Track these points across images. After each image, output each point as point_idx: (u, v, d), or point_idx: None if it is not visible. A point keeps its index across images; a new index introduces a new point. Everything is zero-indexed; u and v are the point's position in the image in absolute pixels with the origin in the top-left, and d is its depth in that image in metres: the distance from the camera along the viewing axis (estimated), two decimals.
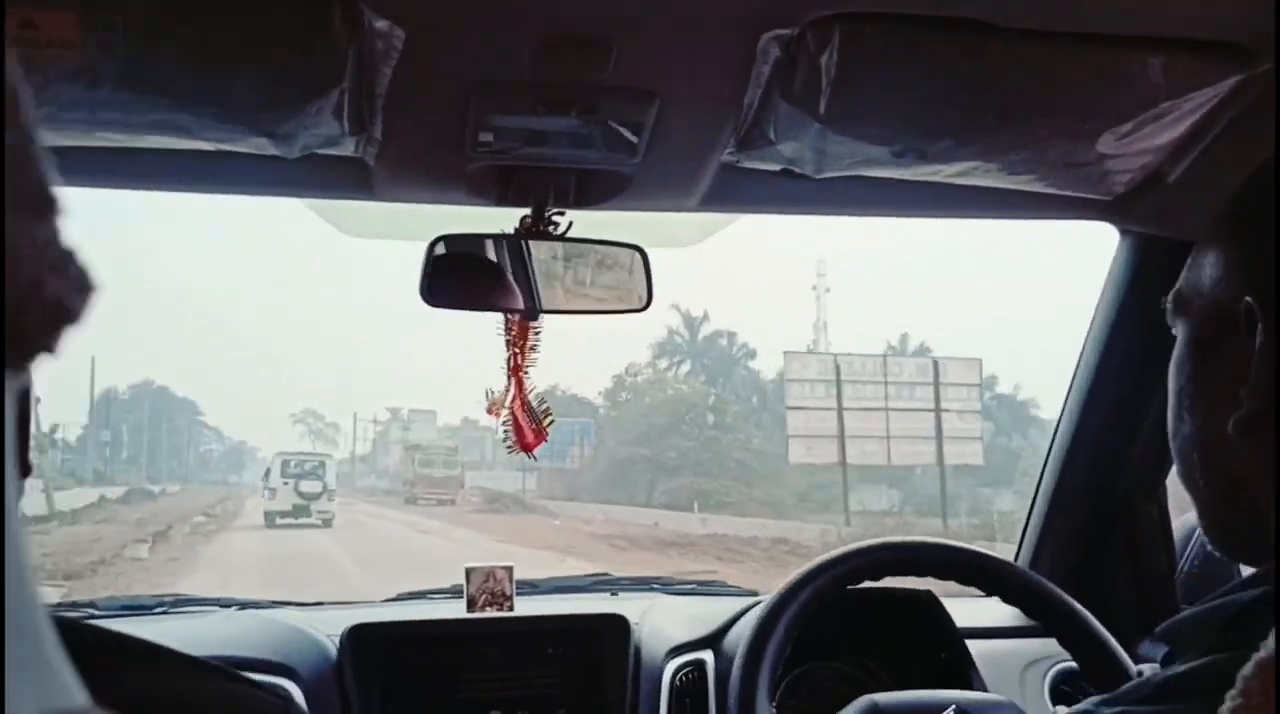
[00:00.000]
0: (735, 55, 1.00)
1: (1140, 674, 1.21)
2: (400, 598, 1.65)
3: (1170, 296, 0.69)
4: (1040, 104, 1.05)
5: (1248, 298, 0.60)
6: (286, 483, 21.67)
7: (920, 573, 1.35)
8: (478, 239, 1.30)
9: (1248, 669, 0.36)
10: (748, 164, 1.19)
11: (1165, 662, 0.60)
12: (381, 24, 0.91)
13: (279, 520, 20.96)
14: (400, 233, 1.46)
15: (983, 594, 1.48)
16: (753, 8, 0.94)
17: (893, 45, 0.97)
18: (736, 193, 1.27)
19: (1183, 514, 1.64)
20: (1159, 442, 1.52)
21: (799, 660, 1.43)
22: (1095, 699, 0.57)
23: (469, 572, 1.45)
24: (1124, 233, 1.42)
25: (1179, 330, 0.68)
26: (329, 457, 25.30)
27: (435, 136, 1.11)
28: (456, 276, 1.28)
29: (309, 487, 21.63)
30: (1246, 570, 0.67)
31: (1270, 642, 0.36)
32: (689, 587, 1.87)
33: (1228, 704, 0.36)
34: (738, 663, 1.23)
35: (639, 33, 0.97)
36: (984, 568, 1.36)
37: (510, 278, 1.31)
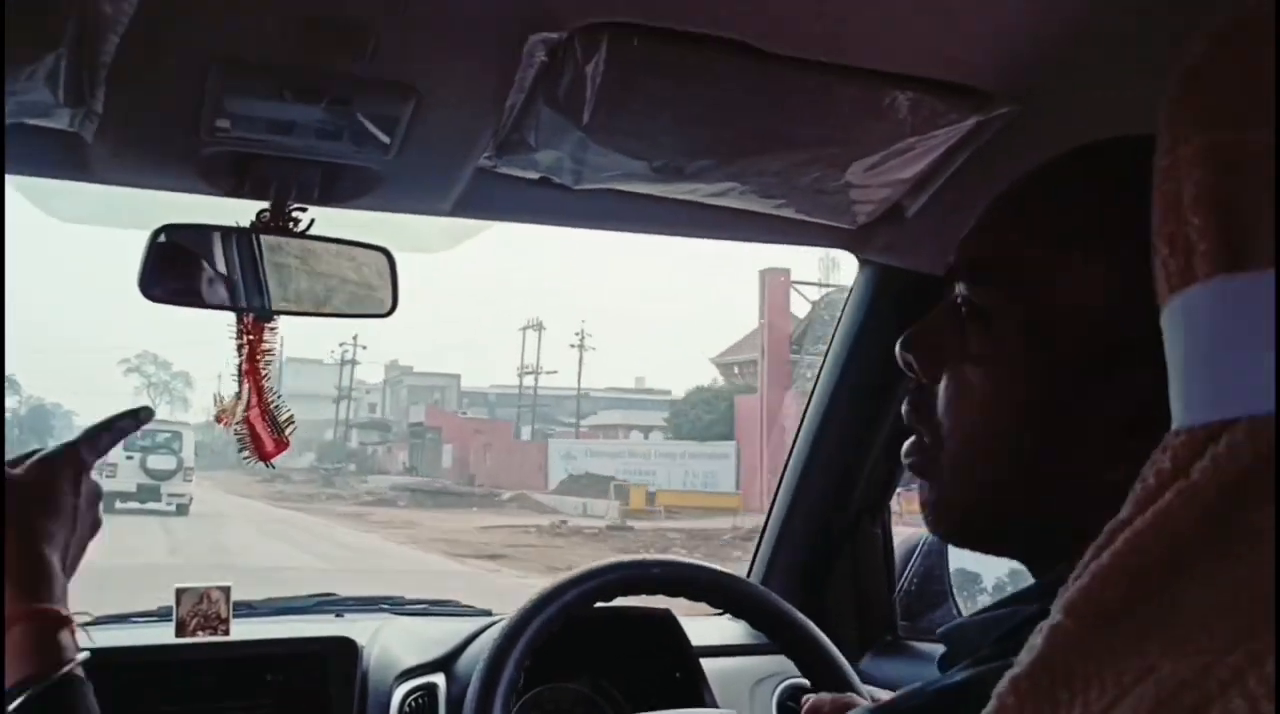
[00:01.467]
0: (500, 55, 0.96)
1: (869, 695, 1.26)
2: (99, 621, 1.50)
3: None
4: (798, 131, 1.07)
5: None
6: (130, 457, 17.98)
7: (656, 591, 1.35)
8: (207, 231, 1.19)
9: (1002, 685, 0.36)
10: (505, 170, 1.15)
11: (942, 664, 0.61)
12: None
13: (119, 504, 17.38)
14: (119, 220, 1.33)
15: (718, 611, 1.51)
16: (521, 8, 0.91)
17: (660, 59, 0.96)
18: (491, 199, 1.23)
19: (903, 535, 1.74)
20: (888, 464, 1.60)
21: (535, 682, 1.40)
22: (867, 707, 0.57)
23: (179, 593, 1.33)
24: (863, 261, 1.48)
25: None
26: (186, 426, 21.32)
27: (165, 116, 1.01)
28: (181, 270, 1.16)
29: (159, 463, 18.29)
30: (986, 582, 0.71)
31: (1023, 657, 0.36)
32: (420, 606, 1.81)
33: None
34: (473, 686, 1.19)
35: (401, 22, 0.91)
36: (717, 585, 1.37)
37: (242, 275, 1.21)
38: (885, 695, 0.91)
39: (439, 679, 1.38)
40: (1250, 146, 0.39)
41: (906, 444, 0.68)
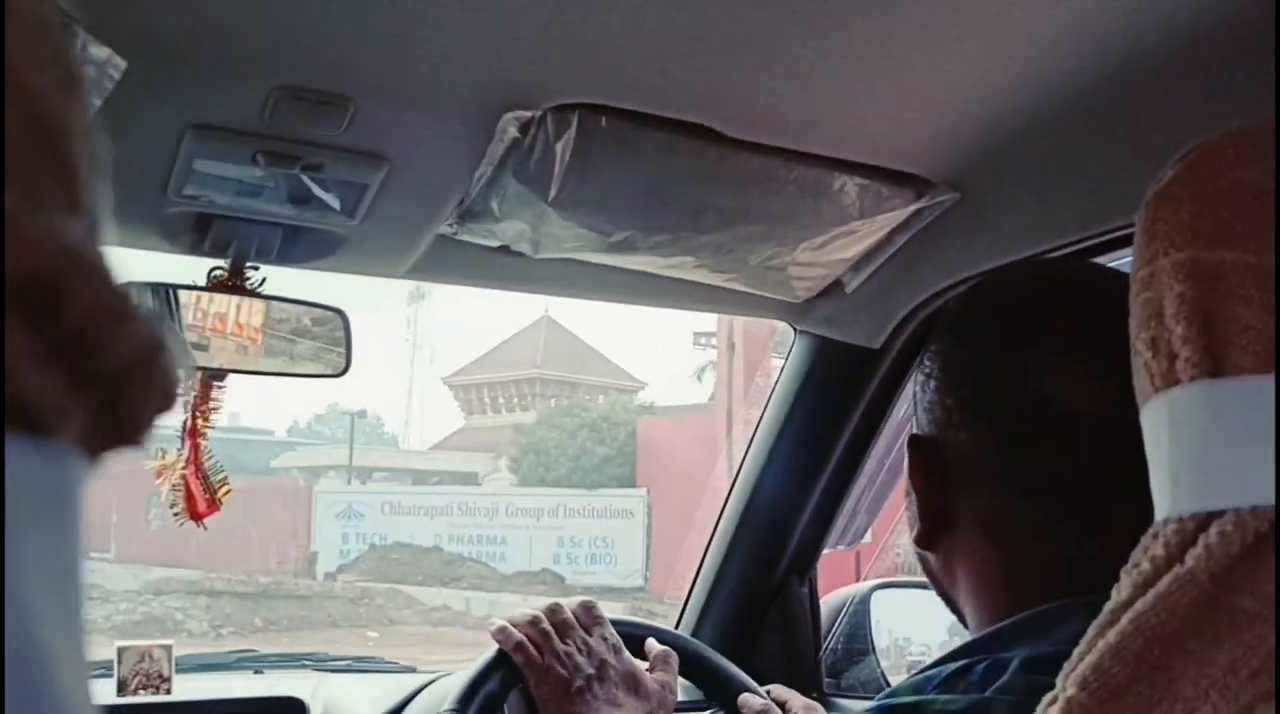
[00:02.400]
0: (474, 130, 0.99)
1: None
2: None
3: None
4: (751, 211, 1.12)
5: (911, 434, 0.71)
6: None
7: None
8: (162, 288, 1.19)
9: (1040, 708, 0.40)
10: (465, 237, 1.18)
11: None
12: (100, 52, 0.83)
13: None
14: None
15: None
16: (499, 86, 0.94)
17: (626, 139, 1.01)
18: (448, 265, 1.26)
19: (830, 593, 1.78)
20: (816, 527, 1.65)
21: None
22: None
23: (121, 651, 1.30)
24: (800, 332, 1.54)
25: None
26: None
27: (135, 176, 1.02)
28: None
29: None
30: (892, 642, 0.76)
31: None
32: (344, 663, 1.79)
33: None
34: None
35: (379, 96, 0.94)
36: (661, 642, 1.39)
37: (193, 333, 1.21)
38: None
39: None
40: (1227, 264, 0.44)
41: None
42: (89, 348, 0.20)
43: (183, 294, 1.20)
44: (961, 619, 0.71)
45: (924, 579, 0.76)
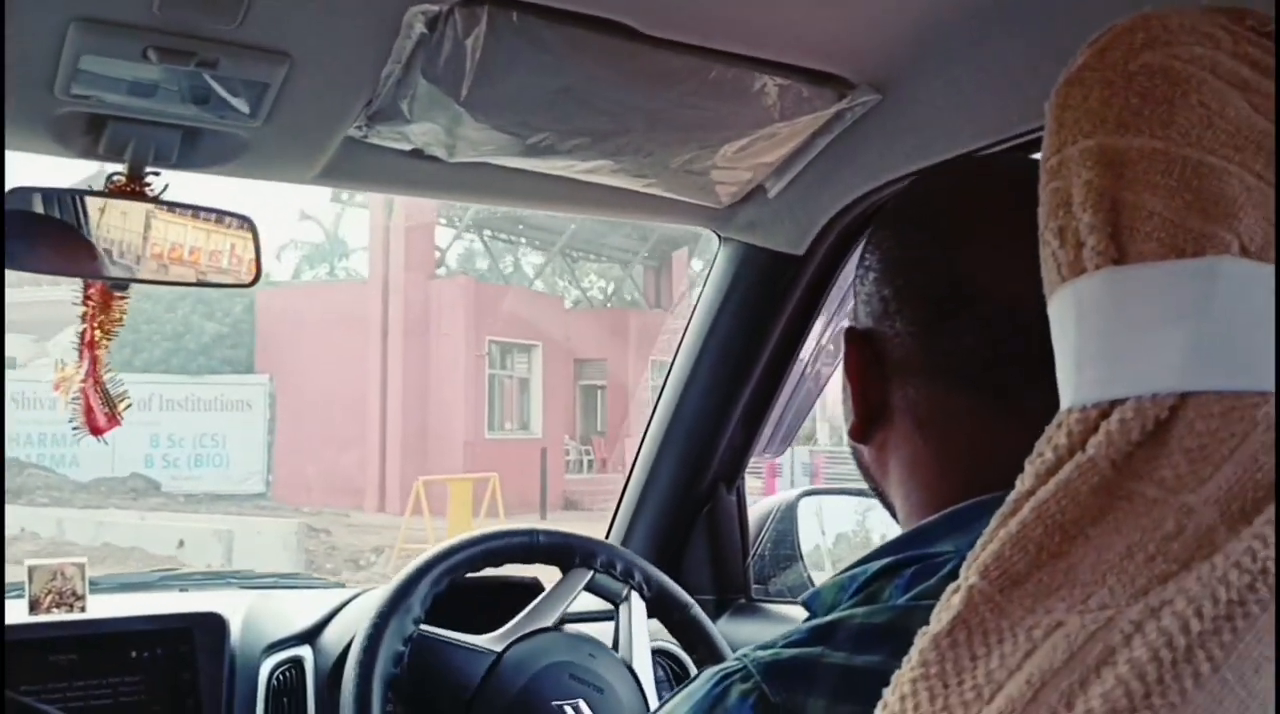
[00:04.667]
0: (378, 25, 0.94)
1: (732, 648, 1.31)
2: None
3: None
4: (671, 112, 1.09)
5: (848, 327, 0.71)
6: None
7: (531, 560, 1.37)
8: (56, 194, 1.13)
9: (924, 642, 0.40)
10: (375, 141, 1.13)
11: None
12: None
13: None
14: None
15: None
16: None
17: (539, 36, 0.97)
18: (360, 169, 1.21)
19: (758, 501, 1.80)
20: (744, 434, 1.65)
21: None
22: (750, 646, 0.61)
23: (32, 570, 1.27)
24: (724, 239, 1.52)
25: None
26: None
27: (17, 72, 0.96)
28: (29, 236, 1.11)
29: None
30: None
31: (942, 616, 0.40)
32: (269, 580, 1.78)
33: (906, 676, 0.39)
34: (353, 658, 1.18)
35: None
36: (591, 552, 1.40)
37: (94, 242, 1.16)
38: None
39: (305, 652, 1.37)
40: (1134, 151, 0.43)
41: None
42: None
43: (91, 202, 1.14)
44: (893, 513, 0.71)
45: (850, 486, 0.76)
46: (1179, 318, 0.40)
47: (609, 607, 1.41)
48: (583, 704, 1.24)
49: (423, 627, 1.23)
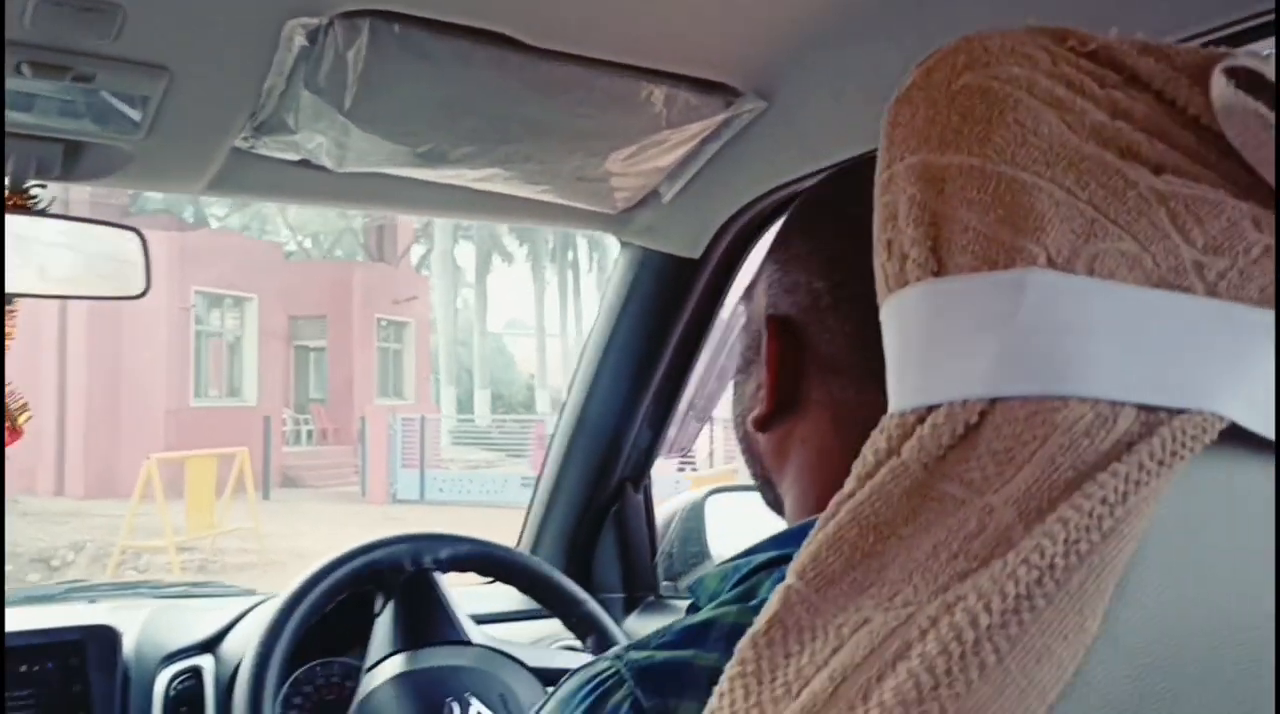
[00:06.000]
0: (257, 38, 0.94)
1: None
2: None
3: (746, 287, 0.76)
4: (558, 121, 1.10)
5: (768, 314, 0.69)
6: None
7: (455, 568, 1.38)
8: None
9: (743, 641, 0.41)
10: (263, 152, 1.13)
11: (690, 612, 0.65)
12: None
13: None
14: None
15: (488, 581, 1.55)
16: None
17: (422, 47, 0.97)
18: (248, 179, 1.21)
19: (664, 501, 1.83)
20: (649, 436, 1.68)
21: (306, 658, 1.40)
22: (625, 645, 0.61)
23: (3, 541, 1.25)
24: (624, 243, 1.54)
25: (745, 318, 0.75)
26: None
27: None
28: None
29: None
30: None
31: (760, 616, 0.42)
32: (179, 589, 1.76)
33: (728, 673, 0.40)
34: (245, 665, 1.18)
35: (150, 1, 0.88)
36: (489, 557, 1.42)
37: None
38: None
39: (206, 661, 1.36)
40: (953, 168, 0.46)
41: None
42: None
43: None
44: (776, 506, 0.71)
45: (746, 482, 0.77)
46: (990, 327, 0.42)
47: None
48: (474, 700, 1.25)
49: None
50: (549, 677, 1.33)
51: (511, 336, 32.26)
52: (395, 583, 1.33)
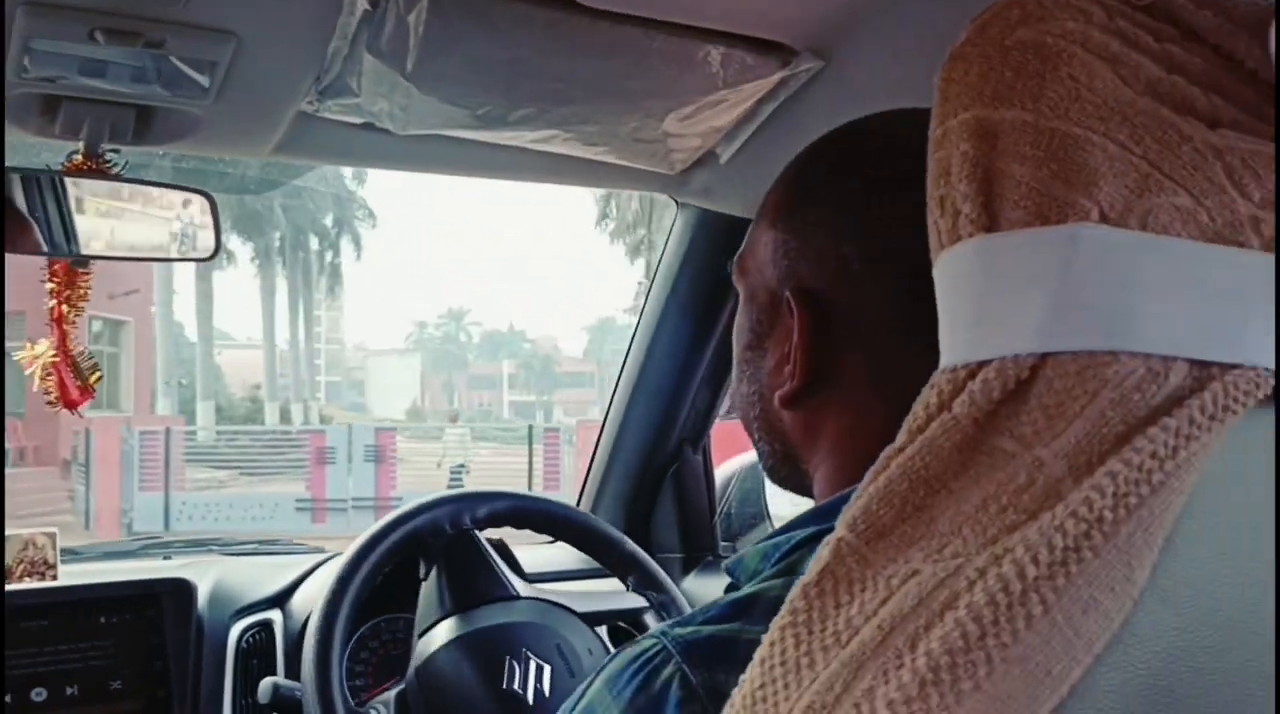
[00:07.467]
0: (320, 3, 0.96)
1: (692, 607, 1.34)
2: None
3: (735, 258, 0.74)
4: (616, 83, 1.11)
5: (788, 291, 0.66)
6: None
7: (492, 524, 1.40)
8: (16, 174, 1.15)
9: (794, 591, 0.42)
10: (327, 115, 1.15)
11: (729, 591, 0.64)
12: None
13: None
14: None
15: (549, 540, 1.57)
16: None
17: (482, 10, 0.98)
18: (313, 142, 1.23)
19: (725, 461, 1.84)
20: (707, 397, 1.69)
21: (371, 615, 1.44)
22: (669, 622, 0.60)
23: (4, 540, 1.31)
24: (681, 205, 1.54)
25: (740, 290, 0.73)
26: None
27: None
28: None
29: None
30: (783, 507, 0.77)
31: (812, 566, 0.42)
32: (250, 546, 1.81)
33: (777, 623, 0.42)
34: (313, 621, 1.22)
35: None
36: (529, 510, 1.43)
37: (56, 219, 1.18)
38: None
39: (275, 615, 1.40)
40: (1006, 123, 0.46)
41: None
42: None
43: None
44: (799, 486, 0.70)
45: None
46: (1041, 282, 0.43)
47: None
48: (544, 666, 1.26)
49: None
50: (599, 619, 1.34)
51: (231, 344, 29.69)
52: (438, 547, 1.34)
